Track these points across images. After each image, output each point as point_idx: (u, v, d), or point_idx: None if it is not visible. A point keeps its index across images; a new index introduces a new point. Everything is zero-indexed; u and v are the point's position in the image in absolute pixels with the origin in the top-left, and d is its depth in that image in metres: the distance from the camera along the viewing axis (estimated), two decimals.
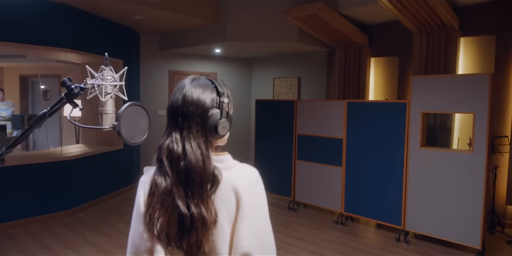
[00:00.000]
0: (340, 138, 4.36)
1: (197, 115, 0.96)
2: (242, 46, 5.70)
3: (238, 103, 7.20)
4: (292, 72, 6.58)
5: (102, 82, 1.13)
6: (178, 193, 0.92)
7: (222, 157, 1.01)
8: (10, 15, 3.89)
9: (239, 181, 0.96)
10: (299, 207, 5.01)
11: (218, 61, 6.93)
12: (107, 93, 1.15)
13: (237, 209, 0.94)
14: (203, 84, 1.00)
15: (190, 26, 5.44)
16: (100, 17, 4.89)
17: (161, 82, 6.38)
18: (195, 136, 0.95)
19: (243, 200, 0.94)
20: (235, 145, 7.16)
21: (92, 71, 1.14)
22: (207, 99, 0.97)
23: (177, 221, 0.91)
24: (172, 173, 0.93)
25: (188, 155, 0.92)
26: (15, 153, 5.70)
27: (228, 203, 0.94)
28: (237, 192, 0.94)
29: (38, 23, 4.13)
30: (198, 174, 0.91)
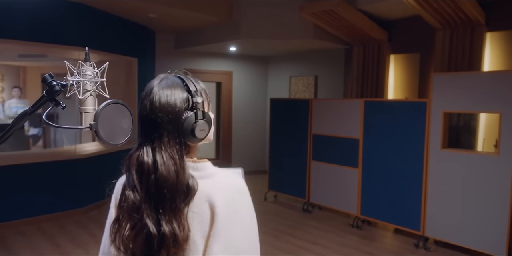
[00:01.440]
0: (357, 139, 4.19)
1: (168, 122, 0.85)
2: (256, 43, 5.59)
3: (253, 102, 7.11)
4: (308, 70, 6.43)
5: (81, 78, 1.05)
6: (147, 210, 0.82)
7: (200, 164, 0.89)
8: (28, 15, 3.91)
9: (216, 191, 0.85)
10: (314, 209, 4.87)
11: (234, 60, 6.85)
12: (86, 90, 1.07)
13: (211, 223, 0.83)
14: (171, 84, 0.89)
15: (205, 24, 5.38)
16: (115, 15, 4.88)
17: None
18: (167, 146, 0.84)
19: (219, 214, 0.83)
20: (249, 144, 7.07)
21: (71, 67, 1.06)
22: (177, 102, 0.86)
23: (144, 240, 0.82)
24: (141, 188, 0.83)
25: (159, 168, 0.82)
26: (32, 150, 5.81)
27: (202, 216, 0.84)
28: (212, 205, 0.83)
29: (55, 22, 4.14)
30: (170, 188, 0.81)
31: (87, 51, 1.10)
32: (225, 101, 6.89)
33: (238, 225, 0.85)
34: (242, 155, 7.02)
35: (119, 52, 5.00)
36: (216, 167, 0.93)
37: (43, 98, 1.17)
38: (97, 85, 1.10)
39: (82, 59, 1.01)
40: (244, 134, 7.05)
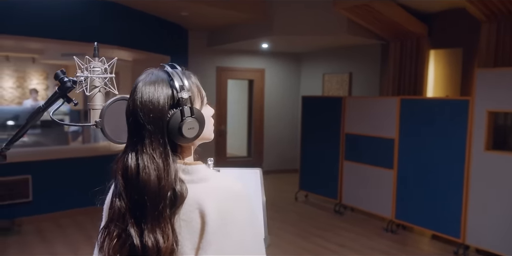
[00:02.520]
0: (392, 138, 3.99)
1: (150, 121, 0.76)
2: (289, 40, 5.49)
3: (285, 100, 7.00)
4: (343, 67, 6.23)
5: (89, 74, 1.02)
6: (131, 219, 0.76)
7: (191, 167, 0.80)
8: (67, 15, 4.03)
9: (208, 198, 0.76)
10: (346, 210, 4.71)
11: (266, 57, 6.77)
12: (94, 87, 1.04)
13: (201, 233, 0.75)
14: (155, 80, 0.80)
15: (237, 21, 5.35)
16: (148, 14, 4.95)
17: (208, 79, 6.38)
18: (149, 148, 0.76)
19: (209, 223, 0.74)
20: (281, 143, 6.98)
21: (79, 63, 1.04)
22: (161, 99, 0.77)
23: (129, 251, 0.76)
24: (126, 195, 0.77)
25: (140, 172, 0.75)
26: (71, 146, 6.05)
27: (191, 225, 0.75)
28: (202, 213, 0.75)
29: (92, 21, 4.26)
30: (151, 194, 0.74)
31: (95, 46, 1.07)
32: (257, 99, 6.84)
33: (233, 236, 0.75)
34: (273, 153, 6.95)
35: (152, 50, 5.07)
36: (211, 170, 0.85)
37: (55, 94, 1.16)
38: (105, 81, 1.07)
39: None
40: (276, 133, 6.97)
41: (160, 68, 0.85)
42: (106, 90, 1.08)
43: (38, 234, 3.79)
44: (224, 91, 6.56)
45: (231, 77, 6.67)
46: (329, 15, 4.76)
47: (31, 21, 3.83)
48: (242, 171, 1.42)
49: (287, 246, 3.65)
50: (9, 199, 3.96)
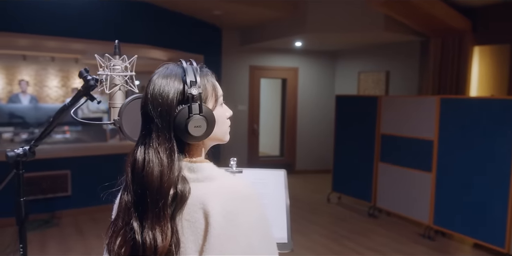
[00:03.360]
0: (431, 140, 3.79)
1: (158, 115, 0.75)
2: (323, 38, 5.37)
3: (319, 99, 6.87)
4: (379, 65, 6.01)
5: (109, 72, 1.02)
6: (135, 213, 0.74)
7: (197, 165, 0.77)
8: (100, 16, 4.17)
9: (212, 197, 0.72)
10: (380, 214, 4.53)
11: (299, 55, 6.68)
12: (114, 85, 1.03)
13: (205, 235, 0.71)
14: (168, 74, 0.78)
15: (270, 19, 5.30)
16: (182, 14, 5.02)
17: (241, 77, 6.38)
18: (156, 143, 0.75)
19: (213, 225, 0.70)
20: (314, 143, 6.85)
21: (100, 61, 1.03)
22: (170, 93, 0.75)
23: (131, 247, 0.74)
24: (132, 189, 0.76)
25: (145, 166, 0.74)
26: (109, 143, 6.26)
27: (195, 226, 0.72)
28: (206, 213, 0.71)
29: (126, 22, 4.38)
30: (153, 189, 0.72)
31: (116, 44, 1.07)
32: (290, 98, 6.76)
33: (239, 240, 0.70)
34: (306, 153, 6.84)
35: (186, 49, 5.14)
36: (219, 169, 0.81)
37: (79, 92, 1.17)
38: (126, 79, 1.06)
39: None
40: (309, 132, 6.85)
41: (177, 63, 0.83)
42: (127, 88, 1.07)
43: (74, 227, 3.94)
44: (257, 90, 6.54)
45: (264, 76, 6.63)
46: (365, 11, 4.60)
47: (72, 23, 3.99)
48: (266, 172, 1.37)
49: (318, 248, 3.56)
50: (50, 192, 4.15)
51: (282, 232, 1.30)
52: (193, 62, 0.83)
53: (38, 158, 4.24)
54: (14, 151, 1.26)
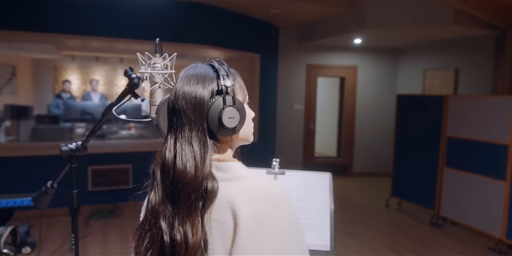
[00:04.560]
0: (505, 145, 3.41)
1: (191, 108, 0.74)
2: (384, 34, 5.10)
3: (380, 98, 6.55)
4: (447, 62, 5.57)
5: (149, 70, 1.02)
6: (164, 212, 0.73)
7: (225, 164, 0.76)
8: (154, 17, 4.33)
9: (241, 198, 0.70)
10: (445, 223, 4.19)
11: (359, 53, 6.41)
12: (154, 83, 1.04)
13: (233, 237, 0.69)
14: (199, 70, 0.79)
15: (328, 16, 5.15)
16: (239, 13, 5.06)
17: (298, 76, 6.29)
18: (189, 136, 0.73)
19: (242, 225, 0.68)
20: (373, 144, 6.55)
21: (141, 59, 1.04)
22: (204, 87, 0.76)
23: (159, 248, 0.73)
24: (162, 187, 0.74)
25: (177, 161, 0.72)
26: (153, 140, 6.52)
27: (223, 227, 0.70)
28: (235, 214, 0.69)
29: (180, 22, 4.51)
30: (186, 183, 0.70)
31: (157, 42, 1.07)
32: (348, 97, 6.53)
33: (268, 243, 0.67)
34: (364, 155, 6.57)
35: (243, 48, 5.18)
36: (248, 169, 0.78)
37: (125, 90, 1.20)
38: (165, 77, 1.06)
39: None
40: (368, 133, 6.57)
41: (205, 62, 0.84)
42: (167, 86, 1.07)
43: (134, 219, 4.15)
44: (314, 89, 6.41)
45: (322, 75, 6.47)
46: (431, 4, 4.27)
47: (138, 26, 4.20)
48: (310, 175, 1.30)
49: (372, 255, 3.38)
50: (114, 185, 4.43)
51: (325, 239, 1.22)
52: (222, 62, 0.84)
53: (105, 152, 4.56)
54: (68, 146, 1.34)
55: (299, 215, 1.25)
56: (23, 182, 3.47)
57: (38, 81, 8.14)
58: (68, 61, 8.00)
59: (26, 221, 1.96)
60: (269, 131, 5.91)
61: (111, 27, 4.12)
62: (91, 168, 4.27)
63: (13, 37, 4.25)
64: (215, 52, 5.01)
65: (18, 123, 5.47)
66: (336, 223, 4.09)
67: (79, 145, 1.35)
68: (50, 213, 3.37)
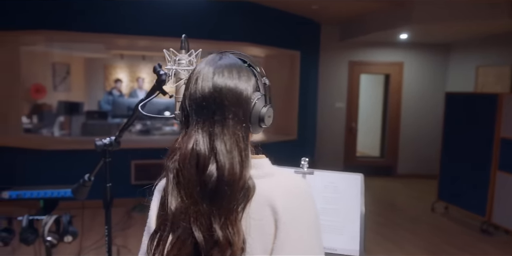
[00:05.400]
0: None
1: (235, 103, 0.72)
2: (432, 28, 4.82)
3: (427, 96, 6.23)
4: (503, 58, 5.16)
5: (173, 66, 1.02)
6: (196, 214, 0.69)
7: (257, 161, 0.75)
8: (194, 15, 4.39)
9: (278, 194, 0.71)
10: (497, 231, 3.90)
11: (405, 49, 6.13)
12: (179, 79, 1.04)
13: (274, 233, 0.69)
14: (234, 63, 0.76)
15: (371, 11, 4.96)
16: (278, 10, 5.02)
17: (340, 74, 6.14)
18: (231, 132, 0.70)
19: (283, 221, 0.69)
20: (419, 144, 6.25)
21: (167, 55, 1.05)
22: (245, 81, 0.74)
23: (190, 253, 0.70)
24: (193, 186, 0.70)
25: (220, 158, 0.69)
26: None
27: (262, 225, 0.69)
28: (275, 210, 0.69)
29: (219, 19, 4.55)
30: (231, 183, 0.68)
31: (183, 38, 1.07)
32: (393, 94, 6.27)
33: (305, 236, 0.70)
34: (409, 155, 6.28)
35: (283, 46, 5.13)
36: (274, 166, 0.78)
37: (154, 87, 1.22)
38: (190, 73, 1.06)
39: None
40: (414, 133, 6.27)
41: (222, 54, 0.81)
42: None
43: None
44: (356, 87, 6.22)
45: (365, 72, 6.26)
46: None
47: (166, 22, 4.29)
48: (339, 176, 1.25)
49: None
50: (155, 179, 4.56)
51: (354, 243, 1.17)
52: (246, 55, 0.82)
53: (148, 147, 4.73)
54: (102, 141, 1.38)
55: (327, 217, 1.21)
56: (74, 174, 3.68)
57: (89, 79, 8.62)
58: (117, 60, 8.39)
59: (69, 211, 2.06)
60: (308, 130, 5.83)
61: (156, 26, 4.25)
62: (134, 162, 4.44)
63: (68, 37, 4.52)
64: (253, 50, 5.01)
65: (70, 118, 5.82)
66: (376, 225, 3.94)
67: (112, 140, 1.39)
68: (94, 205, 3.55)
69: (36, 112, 6.48)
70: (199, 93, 0.74)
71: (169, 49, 1.02)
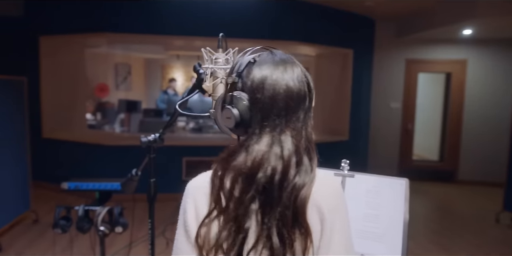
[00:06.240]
0: None
1: (300, 102, 0.75)
2: (500, 22, 4.42)
3: (493, 97, 5.73)
4: None
5: (209, 65, 1.03)
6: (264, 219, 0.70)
7: None
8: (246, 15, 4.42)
9: (323, 195, 0.75)
10: None
11: (468, 45, 5.68)
12: (216, 78, 1.04)
13: (320, 231, 0.73)
14: (288, 60, 0.77)
15: (430, 6, 4.67)
16: (330, 7, 4.89)
17: (396, 72, 5.86)
18: (305, 133, 0.74)
19: (328, 220, 0.73)
20: (483, 149, 5.77)
21: (205, 54, 1.06)
22: (299, 82, 0.75)
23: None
24: (256, 192, 0.70)
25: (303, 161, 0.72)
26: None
27: (311, 224, 0.73)
28: (321, 211, 0.73)
29: (270, 19, 4.54)
30: (303, 186, 0.71)
31: (220, 37, 1.07)
32: (455, 94, 5.86)
33: (347, 235, 0.75)
34: (472, 160, 5.83)
35: (334, 44, 5.01)
36: None
37: (194, 86, 1.24)
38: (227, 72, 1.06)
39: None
40: (478, 135, 5.81)
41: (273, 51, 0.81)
42: None
43: None
44: (414, 86, 5.90)
45: (423, 70, 5.92)
46: None
47: (219, 23, 4.36)
48: (383, 180, 1.18)
49: None
50: None
51: (395, 252, 1.10)
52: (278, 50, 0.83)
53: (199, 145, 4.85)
54: (147, 138, 1.43)
55: (367, 222, 1.15)
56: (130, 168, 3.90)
57: (148, 78, 9.07)
58: (174, 60, 8.73)
59: (121, 204, 2.18)
60: (361, 131, 5.64)
61: (211, 27, 4.36)
62: (186, 159, 4.59)
63: (128, 39, 4.80)
64: (304, 49, 4.94)
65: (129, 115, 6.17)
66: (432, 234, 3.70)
67: (156, 137, 1.44)
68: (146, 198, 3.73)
69: (100, 110, 6.96)
70: (268, 96, 0.73)
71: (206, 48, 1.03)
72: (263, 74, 0.74)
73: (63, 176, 2.44)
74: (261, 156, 0.70)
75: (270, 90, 0.72)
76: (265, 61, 0.76)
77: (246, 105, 0.74)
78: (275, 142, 0.71)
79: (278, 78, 0.73)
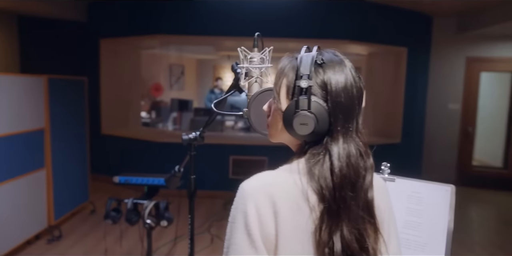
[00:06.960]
0: None
1: (360, 104, 0.77)
2: None
3: None
4: None
5: (244, 64, 1.03)
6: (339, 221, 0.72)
7: None
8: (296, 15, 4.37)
9: (377, 194, 0.78)
10: None
11: None
12: (251, 77, 1.04)
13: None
14: (345, 59, 0.79)
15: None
16: (382, 4, 4.70)
17: (455, 71, 5.49)
18: (363, 136, 0.78)
19: (386, 220, 0.79)
20: None
21: (240, 53, 1.06)
22: (361, 79, 0.78)
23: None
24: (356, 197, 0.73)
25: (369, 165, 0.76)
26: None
27: None
28: (379, 209, 0.78)
29: (319, 18, 4.45)
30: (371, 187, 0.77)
31: (256, 36, 1.07)
32: None
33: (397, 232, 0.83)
34: None
35: (387, 42, 4.81)
36: None
37: (232, 85, 1.25)
38: (262, 71, 1.06)
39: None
40: None
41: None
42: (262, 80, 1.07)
43: None
44: (475, 86, 5.49)
45: (486, 69, 5.49)
46: None
47: (270, 23, 4.35)
48: (427, 185, 1.11)
49: None
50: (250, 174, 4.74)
51: None
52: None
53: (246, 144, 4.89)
54: (188, 136, 1.47)
55: (408, 230, 1.09)
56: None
57: (200, 78, 9.35)
58: (224, 60, 8.90)
59: (167, 198, 2.26)
60: (415, 133, 5.36)
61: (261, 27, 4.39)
62: (232, 158, 4.66)
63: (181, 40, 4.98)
64: (356, 47, 4.79)
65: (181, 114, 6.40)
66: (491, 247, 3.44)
67: (197, 135, 1.47)
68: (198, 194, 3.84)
69: (154, 108, 7.30)
70: (348, 98, 0.73)
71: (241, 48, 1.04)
72: (339, 76, 0.73)
73: (117, 170, 2.59)
74: (353, 163, 0.72)
75: (349, 92, 0.72)
76: (331, 61, 0.75)
77: (325, 109, 0.72)
78: (354, 145, 0.73)
79: (352, 80, 0.74)
